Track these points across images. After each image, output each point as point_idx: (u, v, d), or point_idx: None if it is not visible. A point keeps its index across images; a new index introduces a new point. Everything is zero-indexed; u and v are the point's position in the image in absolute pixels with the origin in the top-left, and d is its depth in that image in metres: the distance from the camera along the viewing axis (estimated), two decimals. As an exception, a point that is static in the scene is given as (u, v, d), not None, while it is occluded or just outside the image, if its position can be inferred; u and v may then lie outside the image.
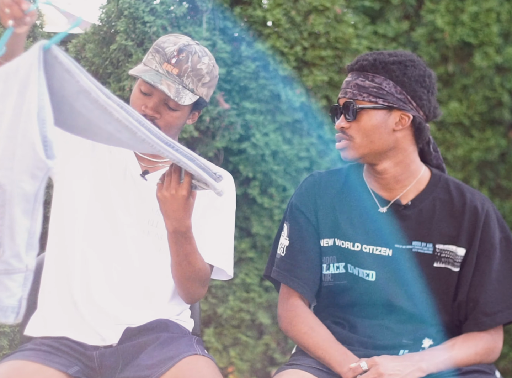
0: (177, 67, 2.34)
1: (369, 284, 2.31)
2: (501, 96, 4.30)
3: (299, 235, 2.36)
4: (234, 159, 3.88)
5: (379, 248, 2.31)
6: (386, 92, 2.26)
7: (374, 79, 2.26)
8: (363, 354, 2.25)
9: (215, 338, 3.88)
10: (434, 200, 2.32)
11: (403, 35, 4.37)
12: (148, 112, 2.34)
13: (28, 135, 1.79)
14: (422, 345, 2.31)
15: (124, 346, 2.31)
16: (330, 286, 2.36)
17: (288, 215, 2.41)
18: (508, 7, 4.38)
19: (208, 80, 2.40)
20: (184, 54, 2.36)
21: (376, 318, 2.33)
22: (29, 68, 1.78)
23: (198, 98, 2.38)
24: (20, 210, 1.83)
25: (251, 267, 3.91)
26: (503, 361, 4.30)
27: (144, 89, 2.36)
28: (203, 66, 2.38)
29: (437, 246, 2.30)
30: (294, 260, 2.35)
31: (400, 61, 2.28)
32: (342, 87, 2.33)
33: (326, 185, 2.38)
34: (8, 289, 1.85)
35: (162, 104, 2.35)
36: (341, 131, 2.30)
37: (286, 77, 3.87)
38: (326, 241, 2.35)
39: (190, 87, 2.35)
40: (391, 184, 2.32)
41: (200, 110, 2.47)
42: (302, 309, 2.34)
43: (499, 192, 4.33)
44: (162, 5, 3.68)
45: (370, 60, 2.28)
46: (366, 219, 2.33)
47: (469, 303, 2.30)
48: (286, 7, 3.93)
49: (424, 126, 2.30)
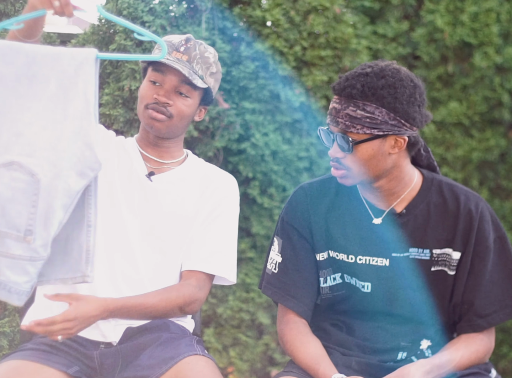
0: (186, 54, 2.38)
1: (365, 294, 2.30)
2: (501, 96, 4.30)
3: (292, 252, 2.32)
4: (234, 159, 3.88)
5: (375, 259, 2.29)
6: (379, 121, 2.17)
7: (365, 108, 2.17)
8: (359, 360, 2.25)
9: (215, 338, 3.88)
10: (428, 205, 2.29)
11: (403, 35, 4.37)
12: (161, 99, 2.35)
13: (86, 136, 1.92)
14: (421, 346, 2.31)
15: (124, 345, 2.31)
16: (329, 298, 2.34)
17: (279, 230, 2.35)
18: (508, 7, 4.38)
19: (215, 71, 2.43)
20: (191, 43, 2.40)
21: (374, 321, 2.32)
22: (79, 66, 1.95)
23: (207, 87, 2.40)
24: (60, 203, 1.91)
25: (251, 267, 3.91)
26: (503, 361, 4.29)
27: (155, 79, 2.37)
28: (210, 55, 2.42)
29: (434, 251, 2.28)
30: (288, 278, 2.31)
31: (390, 85, 2.18)
32: (331, 114, 2.22)
33: (318, 196, 2.34)
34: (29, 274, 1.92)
35: (173, 92, 2.36)
36: (336, 161, 2.24)
37: (286, 77, 3.87)
38: (322, 254, 2.31)
39: (199, 73, 2.38)
40: (386, 196, 2.29)
41: (207, 108, 2.49)
42: (292, 326, 2.30)
43: (499, 192, 4.33)
44: (161, 5, 3.68)
45: (359, 88, 2.17)
46: (360, 230, 2.30)
47: (464, 305, 2.29)
48: (285, 7, 3.93)
49: (417, 140, 2.26)
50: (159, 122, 2.37)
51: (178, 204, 2.40)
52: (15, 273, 1.91)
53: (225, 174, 2.52)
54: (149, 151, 2.45)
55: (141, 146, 2.46)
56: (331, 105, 2.23)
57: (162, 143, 2.44)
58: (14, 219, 1.90)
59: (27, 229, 1.89)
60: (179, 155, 2.49)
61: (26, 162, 1.90)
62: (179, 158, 2.48)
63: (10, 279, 1.91)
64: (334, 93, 2.24)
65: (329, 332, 2.32)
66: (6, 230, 1.89)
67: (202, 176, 2.47)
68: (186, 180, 2.44)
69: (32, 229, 1.89)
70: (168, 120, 2.37)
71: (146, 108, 2.38)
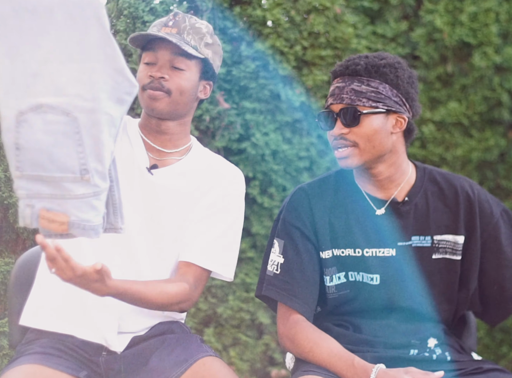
0: (176, 27, 2.31)
1: (373, 288, 2.30)
2: (500, 96, 4.31)
3: (295, 252, 2.30)
4: (234, 159, 3.88)
5: (382, 250, 2.30)
6: (384, 96, 2.24)
7: (370, 83, 2.24)
8: (374, 355, 2.23)
9: (215, 338, 3.87)
10: (426, 193, 2.33)
11: (402, 35, 4.37)
12: (155, 74, 2.28)
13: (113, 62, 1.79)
14: (428, 344, 2.31)
15: (129, 351, 2.28)
16: (335, 297, 2.33)
17: (280, 231, 2.34)
18: (507, 7, 4.38)
19: (212, 43, 2.35)
20: (180, 16, 2.34)
21: (380, 319, 2.31)
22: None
23: (203, 58, 2.33)
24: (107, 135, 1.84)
25: (251, 266, 3.91)
26: (503, 361, 4.30)
27: (148, 59, 2.32)
28: (201, 26, 2.34)
29: (434, 237, 2.31)
30: (291, 278, 2.29)
31: (390, 64, 2.27)
32: (333, 94, 2.27)
33: (319, 195, 2.34)
34: (95, 208, 1.87)
35: (169, 68, 2.30)
36: (341, 138, 2.26)
37: (286, 77, 3.87)
38: (327, 252, 2.31)
39: (192, 43, 2.31)
40: (385, 184, 2.31)
41: (211, 84, 2.40)
42: (303, 325, 2.26)
43: (499, 192, 4.33)
44: (162, 5, 3.68)
45: (362, 65, 2.25)
46: (364, 222, 2.31)
47: (493, 286, 2.34)
48: (285, 7, 3.93)
49: (414, 127, 2.32)
50: (158, 101, 2.29)
51: (177, 199, 2.35)
52: (83, 211, 1.84)
53: (230, 168, 2.45)
54: (151, 139, 2.37)
55: (143, 133, 2.38)
56: (333, 87, 2.29)
57: (166, 128, 2.36)
58: (65, 163, 1.81)
59: (81, 169, 1.81)
60: (184, 143, 2.41)
61: (56, 102, 1.79)
62: (183, 147, 2.41)
63: (80, 217, 1.85)
64: (335, 76, 2.30)
65: (335, 332, 2.30)
66: (61, 175, 1.81)
67: (205, 170, 2.40)
68: (187, 175, 2.37)
69: (87, 167, 1.81)
70: (167, 97, 2.29)
71: (144, 90, 2.31)
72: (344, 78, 2.26)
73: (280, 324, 2.30)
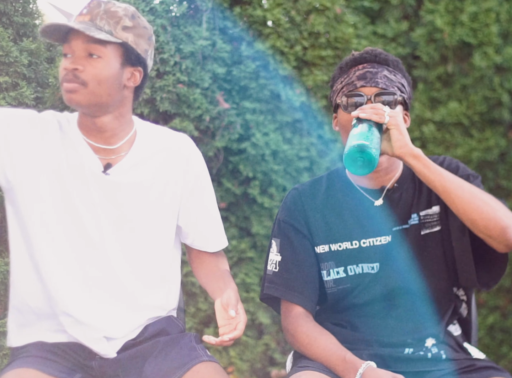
0: (89, 14, 2.19)
1: (373, 277, 2.31)
2: (501, 96, 4.31)
3: (291, 249, 2.34)
4: (234, 159, 3.88)
5: (378, 238, 2.32)
6: (405, 90, 2.32)
7: (396, 75, 2.31)
8: (369, 352, 2.25)
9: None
10: (412, 175, 2.34)
11: (403, 35, 4.38)
12: (68, 66, 2.16)
13: None
14: (426, 344, 2.32)
15: (123, 355, 2.26)
16: (334, 292, 2.35)
17: (276, 231, 2.38)
18: (507, 7, 4.39)
19: (131, 25, 2.21)
20: (94, 2, 2.23)
21: (377, 318, 2.33)
22: None
23: (122, 42, 2.19)
24: None
25: (251, 266, 3.91)
26: (503, 361, 4.30)
27: (64, 51, 2.19)
28: (118, 9, 2.20)
29: (420, 213, 2.33)
30: (289, 273, 2.33)
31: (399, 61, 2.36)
32: (365, 77, 2.28)
33: (311, 193, 2.37)
34: None
35: (84, 57, 2.16)
36: None
37: (286, 77, 3.87)
38: (322, 247, 2.34)
39: (106, 29, 2.17)
40: (381, 176, 2.33)
41: (140, 70, 2.25)
42: (304, 320, 2.30)
43: (499, 192, 4.33)
44: (162, 5, 3.68)
45: (390, 57, 2.32)
46: (359, 214, 2.33)
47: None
48: (286, 7, 3.93)
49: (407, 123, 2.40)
50: (74, 94, 2.16)
51: (140, 190, 2.27)
52: None
53: (178, 139, 2.36)
54: (93, 139, 2.25)
55: (84, 134, 2.25)
56: (362, 71, 2.29)
57: (102, 125, 2.23)
58: None
59: None
60: (127, 133, 2.29)
61: None
62: (127, 137, 2.28)
63: None
64: (362, 61, 2.31)
65: (332, 330, 2.32)
66: None
67: (158, 151, 2.32)
68: (142, 164, 2.29)
69: None
70: (83, 88, 2.16)
71: (62, 84, 2.18)
72: (374, 64, 2.31)
73: (283, 320, 2.35)
